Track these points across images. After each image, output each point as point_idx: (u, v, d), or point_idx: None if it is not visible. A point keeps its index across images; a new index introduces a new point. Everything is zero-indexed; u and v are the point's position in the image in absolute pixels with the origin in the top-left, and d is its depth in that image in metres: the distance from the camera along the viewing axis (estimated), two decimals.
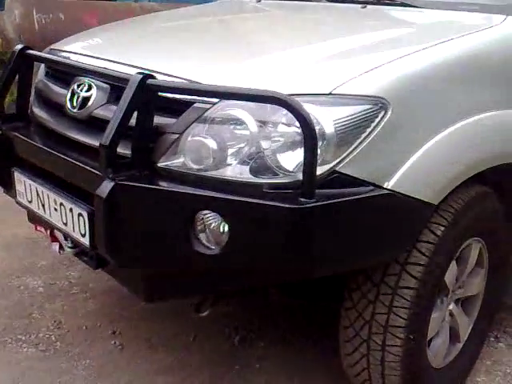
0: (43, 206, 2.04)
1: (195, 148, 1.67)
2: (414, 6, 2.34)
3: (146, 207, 1.67)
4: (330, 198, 1.56)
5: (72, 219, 1.89)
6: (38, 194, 2.05)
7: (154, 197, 1.66)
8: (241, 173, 1.61)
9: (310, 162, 1.49)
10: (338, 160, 1.60)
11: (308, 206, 1.50)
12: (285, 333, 2.56)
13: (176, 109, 1.72)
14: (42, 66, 2.34)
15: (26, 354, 2.39)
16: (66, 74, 2.13)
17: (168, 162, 1.71)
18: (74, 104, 1.96)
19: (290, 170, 1.60)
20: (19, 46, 2.19)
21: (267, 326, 2.60)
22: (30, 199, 2.11)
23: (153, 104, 1.69)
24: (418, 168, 1.70)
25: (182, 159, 1.69)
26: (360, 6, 2.39)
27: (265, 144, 1.61)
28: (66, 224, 1.94)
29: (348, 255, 1.65)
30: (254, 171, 1.61)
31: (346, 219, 1.60)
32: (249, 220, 1.56)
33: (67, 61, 2.09)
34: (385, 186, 1.65)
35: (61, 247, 2.15)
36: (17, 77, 2.21)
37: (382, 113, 1.64)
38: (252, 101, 1.58)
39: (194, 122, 1.67)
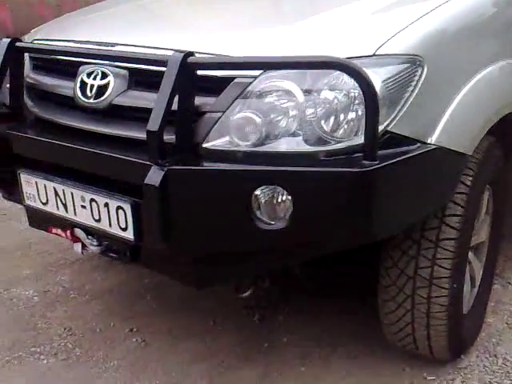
0: (64, 205, 1.93)
1: (241, 125, 1.64)
2: None
3: (202, 190, 1.63)
4: (389, 158, 1.59)
5: (108, 214, 1.81)
6: (56, 194, 1.94)
7: (209, 178, 1.62)
8: (297, 144, 1.61)
9: (372, 124, 1.51)
10: (388, 120, 1.63)
11: (375, 167, 1.53)
12: (299, 304, 2.60)
13: (214, 87, 1.68)
14: (27, 60, 2.19)
15: (47, 366, 2.27)
16: (64, 64, 2.02)
17: (213, 142, 1.67)
18: (88, 94, 1.87)
19: (340, 136, 1.61)
20: (6, 40, 2.05)
21: (280, 301, 2.62)
22: (44, 200, 1.99)
23: (194, 83, 1.64)
24: (454, 121, 1.77)
25: (227, 138, 1.66)
26: None
27: (312, 113, 1.61)
28: (98, 220, 1.85)
29: (406, 212, 1.70)
30: (307, 141, 1.62)
31: (404, 177, 1.64)
32: (316, 189, 1.56)
33: (77, 49, 1.96)
34: (429, 142, 1.71)
35: (83, 246, 2.05)
36: None
37: (420, 70, 1.69)
38: (307, 68, 1.58)
39: (238, 98, 1.65)
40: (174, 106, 1.63)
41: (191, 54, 1.63)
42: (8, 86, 2.10)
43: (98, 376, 2.20)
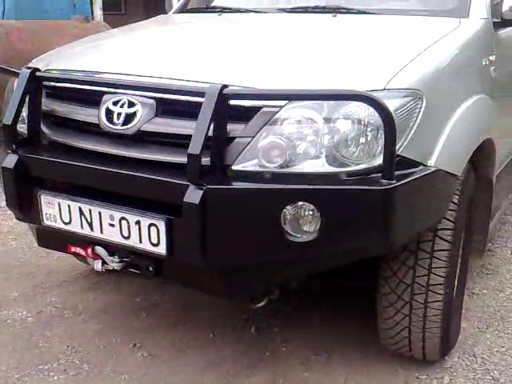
0: (90, 224, 2.04)
1: (269, 149, 1.83)
2: (372, 13, 2.67)
3: (237, 207, 1.79)
4: (401, 178, 1.81)
5: (138, 231, 1.93)
6: (82, 213, 2.04)
7: (245, 196, 1.79)
8: (321, 166, 1.81)
9: (390, 148, 1.74)
10: (398, 145, 1.85)
11: (394, 186, 1.75)
12: (290, 316, 2.77)
13: (243, 115, 1.86)
14: None
15: (60, 381, 2.32)
16: (84, 93, 2.14)
17: (243, 164, 1.84)
18: (115, 121, 2.00)
19: (356, 159, 1.82)
20: (27, 70, 2.15)
21: (272, 313, 2.78)
22: (67, 220, 2.08)
23: (227, 112, 1.81)
24: (447, 146, 2.02)
25: (255, 160, 1.84)
26: (331, 15, 2.66)
27: (331, 138, 1.82)
28: (127, 237, 1.97)
29: (413, 225, 1.92)
30: (329, 163, 1.82)
31: (413, 194, 1.86)
32: (342, 205, 1.76)
33: (104, 79, 2.09)
34: (428, 164, 1.95)
35: (103, 263, 2.14)
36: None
37: (420, 103, 1.94)
38: (333, 99, 1.79)
39: (265, 125, 1.83)
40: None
41: (226, 86, 1.80)
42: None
43: None
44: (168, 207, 1.88)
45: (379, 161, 1.79)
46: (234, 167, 1.85)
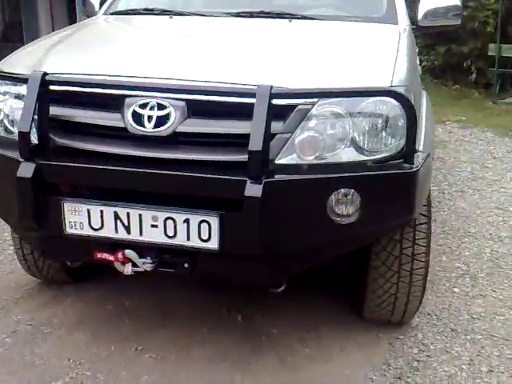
0: (127, 227, 2.06)
1: (305, 143, 2.05)
2: (315, 18, 2.99)
3: (291, 197, 1.98)
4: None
5: (186, 229, 2.02)
6: (117, 217, 2.06)
7: (298, 186, 1.99)
8: (354, 155, 2.07)
9: (412, 137, 2.06)
10: None
11: (417, 168, 2.07)
12: (264, 303, 2.96)
13: (280, 113, 2.04)
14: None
15: None
16: (99, 96, 2.14)
17: (285, 158, 2.04)
18: (146, 124, 2.05)
19: (379, 148, 2.11)
20: (38, 74, 2.09)
21: (245, 303, 2.95)
22: (97, 226, 2.08)
23: (272, 111, 1.99)
24: (425, 135, 2.40)
25: (294, 154, 2.04)
26: (287, 20, 2.92)
27: (358, 131, 2.08)
28: (172, 237, 2.04)
29: (421, 201, 2.25)
30: (358, 153, 2.09)
31: (424, 175, 2.18)
32: (378, 188, 2.04)
33: (131, 83, 2.10)
34: (419, 150, 2.30)
35: (134, 265, 2.16)
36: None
37: (412, 97, 2.29)
38: (363, 96, 2.04)
39: (302, 121, 2.04)
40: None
41: (272, 87, 1.97)
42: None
43: None
44: (216, 203, 1.99)
45: (398, 148, 2.10)
46: (278, 161, 2.03)
